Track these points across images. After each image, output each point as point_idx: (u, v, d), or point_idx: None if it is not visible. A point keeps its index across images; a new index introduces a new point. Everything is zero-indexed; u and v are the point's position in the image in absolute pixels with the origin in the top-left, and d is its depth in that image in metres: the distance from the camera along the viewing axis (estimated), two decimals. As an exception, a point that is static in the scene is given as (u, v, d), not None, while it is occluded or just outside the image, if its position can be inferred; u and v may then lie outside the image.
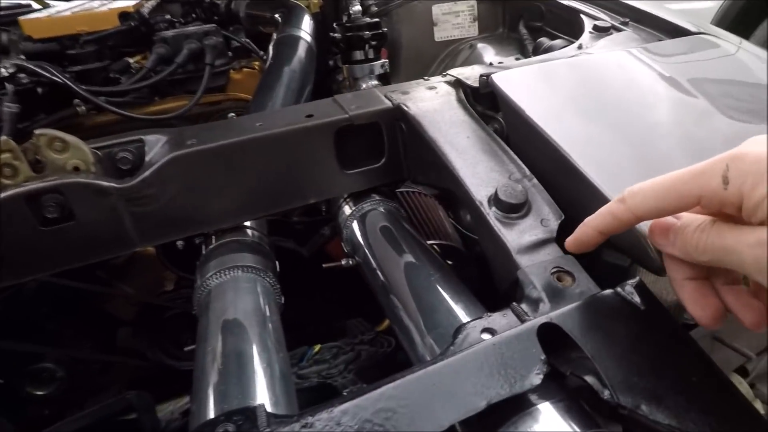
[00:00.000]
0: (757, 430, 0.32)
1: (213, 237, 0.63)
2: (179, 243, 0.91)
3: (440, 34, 1.14)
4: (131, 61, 1.00)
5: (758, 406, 0.61)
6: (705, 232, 0.29)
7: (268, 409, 0.39)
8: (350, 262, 0.64)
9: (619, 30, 0.80)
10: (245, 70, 1.09)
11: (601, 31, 0.80)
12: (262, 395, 0.40)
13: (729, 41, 0.71)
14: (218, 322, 0.48)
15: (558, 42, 0.92)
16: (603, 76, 0.61)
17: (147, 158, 0.56)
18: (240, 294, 0.53)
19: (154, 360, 0.96)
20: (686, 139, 0.50)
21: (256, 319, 0.49)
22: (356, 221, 0.64)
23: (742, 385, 0.60)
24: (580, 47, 0.76)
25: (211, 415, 0.38)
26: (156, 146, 0.58)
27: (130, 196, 0.54)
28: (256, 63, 1.11)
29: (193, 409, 0.41)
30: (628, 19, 0.83)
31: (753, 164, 0.25)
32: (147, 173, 0.54)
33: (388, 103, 0.62)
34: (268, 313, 0.51)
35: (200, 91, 0.83)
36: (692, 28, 0.74)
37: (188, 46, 0.88)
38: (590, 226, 0.35)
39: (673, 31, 0.76)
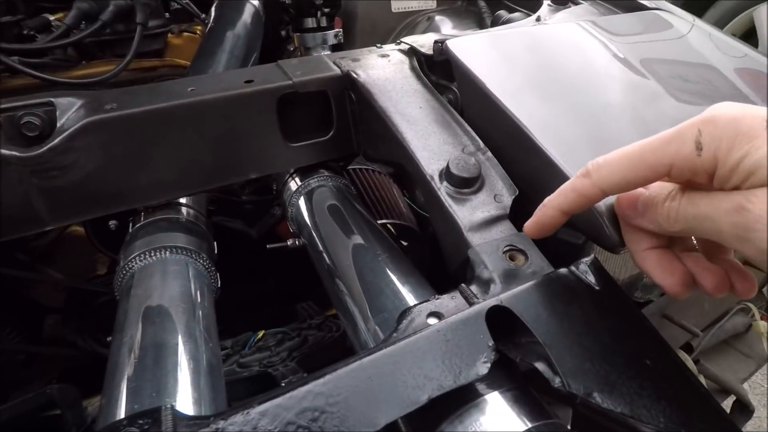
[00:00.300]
0: (708, 412, 0.31)
1: (142, 215, 0.57)
2: (112, 223, 0.83)
3: (397, 5, 1.09)
4: (52, 18, 0.88)
5: (702, 381, 0.62)
6: (676, 201, 0.28)
7: (190, 408, 0.35)
8: (296, 242, 0.60)
9: (577, 3, 0.79)
10: (185, 34, 1.00)
11: (559, 4, 0.78)
12: (184, 392, 0.35)
13: (683, 18, 0.70)
14: (139, 309, 0.43)
15: (516, 15, 0.90)
16: (561, 49, 0.59)
17: (58, 124, 0.49)
18: (167, 278, 0.47)
19: (86, 349, 0.88)
20: (637, 120, 0.50)
21: (184, 306, 0.44)
22: (302, 198, 0.60)
23: (687, 362, 0.61)
24: (538, 19, 0.74)
25: (122, 414, 0.34)
26: (69, 111, 0.50)
27: (36, 167, 0.47)
28: (198, 27, 1.02)
29: (103, 408, 0.35)
30: (587, -7, 0.81)
31: (725, 127, 0.24)
32: (56, 141, 0.47)
33: (337, 70, 0.57)
34: (198, 300, 0.46)
35: (130, 54, 0.74)
36: (648, 4, 0.74)
37: (115, 2, 0.78)
38: (552, 206, 0.32)
39: (630, 5, 0.75)
